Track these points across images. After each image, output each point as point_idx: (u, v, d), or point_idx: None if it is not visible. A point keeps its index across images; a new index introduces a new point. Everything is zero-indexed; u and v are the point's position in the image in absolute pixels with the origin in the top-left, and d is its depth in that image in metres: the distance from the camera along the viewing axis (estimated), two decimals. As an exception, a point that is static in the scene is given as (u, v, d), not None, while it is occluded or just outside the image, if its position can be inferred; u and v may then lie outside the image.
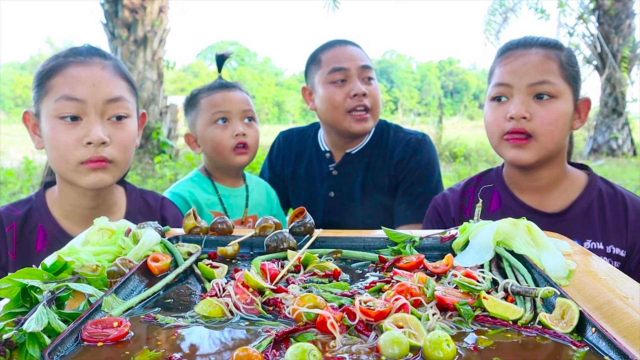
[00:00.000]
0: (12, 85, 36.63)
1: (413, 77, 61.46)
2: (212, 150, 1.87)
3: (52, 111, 1.32)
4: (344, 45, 1.99)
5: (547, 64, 1.43)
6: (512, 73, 1.45)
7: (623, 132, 12.05)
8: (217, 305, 0.77)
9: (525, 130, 1.43)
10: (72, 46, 1.43)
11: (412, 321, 0.71)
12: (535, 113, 1.42)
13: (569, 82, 1.45)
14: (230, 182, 1.95)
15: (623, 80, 11.57)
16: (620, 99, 11.81)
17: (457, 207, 1.62)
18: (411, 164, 1.98)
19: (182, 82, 40.55)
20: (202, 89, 1.94)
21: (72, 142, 1.31)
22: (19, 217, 1.37)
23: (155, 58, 8.68)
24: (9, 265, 1.33)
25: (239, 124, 1.86)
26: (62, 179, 1.40)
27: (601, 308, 0.79)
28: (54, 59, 1.37)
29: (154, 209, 1.56)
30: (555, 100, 1.43)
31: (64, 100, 1.31)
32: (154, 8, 8.54)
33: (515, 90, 1.44)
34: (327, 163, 2.07)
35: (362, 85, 1.91)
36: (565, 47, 1.50)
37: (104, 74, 1.36)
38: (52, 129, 1.32)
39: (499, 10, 10.86)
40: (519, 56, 1.46)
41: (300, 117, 38.44)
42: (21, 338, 0.63)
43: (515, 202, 1.54)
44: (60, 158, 1.33)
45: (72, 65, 1.34)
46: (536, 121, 1.42)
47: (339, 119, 1.94)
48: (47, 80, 1.33)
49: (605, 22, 11.40)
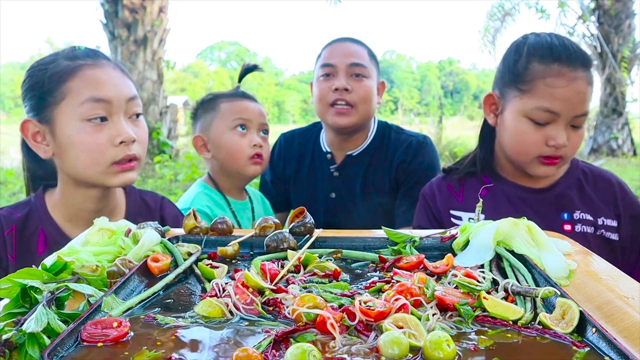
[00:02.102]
0: (12, 85, 36.65)
1: (413, 77, 61.45)
2: (227, 156, 1.85)
3: (78, 114, 1.30)
4: (343, 42, 2.01)
5: (589, 92, 1.45)
6: (563, 102, 1.42)
7: (623, 132, 12.05)
8: (217, 305, 0.77)
9: (561, 155, 1.47)
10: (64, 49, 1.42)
11: (412, 321, 0.70)
12: (570, 139, 1.46)
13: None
14: (237, 194, 1.94)
15: (623, 80, 11.58)
16: (620, 99, 11.81)
17: (447, 195, 1.65)
18: (412, 166, 1.98)
19: (182, 82, 40.54)
20: (220, 94, 1.93)
21: (104, 143, 1.32)
22: (19, 220, 1.36)
23: (155, 58, 8.69)
24: (10, 267, 1.32)
25: (257, 134, 1.86)
26: (71, 183, 1.38)
27: (601, 308, 0.79)
28: (55, 63, 1.34)
29: (153, 210, 1.56)
30: (584, 124, 1.49)
31: (92, 102, 1.30)
32: (154, 8, 8.54)
33: (561, 119, 1.43)
34: (329, 164, 2.07)
35: (349, 81, 1.92)
36: (588, 59, 1.48)
37: (117, 74, 1.38)
38: (80, 132, 1.30)
39: (497, 14, 10.86)
40: (571, 81, 1.41)
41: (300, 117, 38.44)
42: (21, 338, 0.63)
43: (504, 182, 1.60)
44: (92, 161, 1.32)
45: (86, 67, 1.34)
46: (569, 146, 1.46)
47: (323, 111, 1.98)
48: (61, 85, 1.31)
49: (605, 22, 11.41)
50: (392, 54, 69.59)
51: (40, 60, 1.39)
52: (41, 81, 1.33)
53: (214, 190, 1.90)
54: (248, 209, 1.94)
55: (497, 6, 11.06)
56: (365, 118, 2.00)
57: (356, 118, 1.96)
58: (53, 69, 1.33)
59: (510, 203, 1.55)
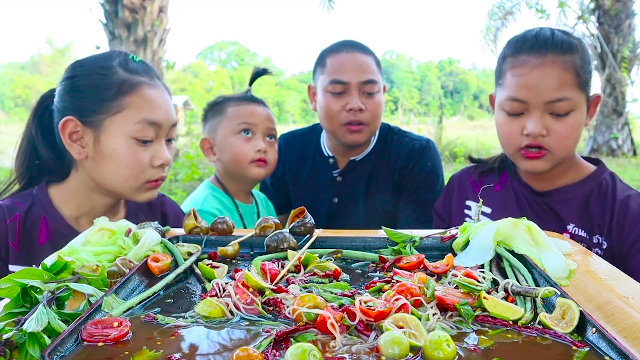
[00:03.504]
0: (12, 85, 36.65)
1: (413, 77, 61.47)
2: (230, 160, 1.85)
3: (130, 132, 1.34)
4: (351, 51, 1.93)
5: (563, 77, 1.38)
6: (528, 89, 1.40)
7: (623, 132, 12.06)
8: (217, 305, 0.77)
9: (542, 145, 1.42)
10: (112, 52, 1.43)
11: (412, 321, 0.71)
12: (552, 128, 1.41)
13: (583, 88, 1.42)
14: (244, 198, 1.94)
15: (623, 80, 11.58)
16: (620, 99, 11.81)
17: (466, 182, 1.69)
18: (415, 170, 1.97)
19: (182, 82, 40.54)
20: (229, 97, 1.93)
21: (146, 163, 1.37)
22: (22, 210, 1.37)
23: (155, 58, 8.68)
24: (10, 256, 1.33)
25: (262, 139, 1.85)
26: (90, 186, 1.40)
27: (601, 308, 0.79)
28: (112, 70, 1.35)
29: (154, 207, 1.58)
30: (572, 113, 1.41)
31: (147, 124, 1.35)
32: (154, 8, 8.53)
33: (531, 107, 1.40)
34: (331, 169, 2.06)
35: (361, 99, 1.88)
36: (578, 46, 1.43)
37: (167, 97, 1.43)
38: (128, 149, 1.34)
39: (498, 14, 10.86)
40: (535, 67, 1.39)
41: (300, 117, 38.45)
42: (21, 338, 0.63)
43: (518, 182, 1.59)
44: (131, 177, 1.36)
45: (146, 86, 1.37)
46: (552, 136, 1.41)
47: (334, 128, 1.94)
48: (120, 97, 1.33)
49: (605, 22, 11.41)
50: (392, 54, 69.60)
51: (90, 61, 1.40)
52: (98, 86, 1.34)
53: (222, 192, 1.90)
54: (254, 212, 1.95)
55: (497, 5, 11.06)
56: (375, 132, 2.00)
57: (368, 134, 1.95)
58: (111, 77, 1.35)
59: (517, 202, 1.56)
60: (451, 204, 1.71)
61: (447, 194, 1.74)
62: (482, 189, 1.56)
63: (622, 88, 11.70)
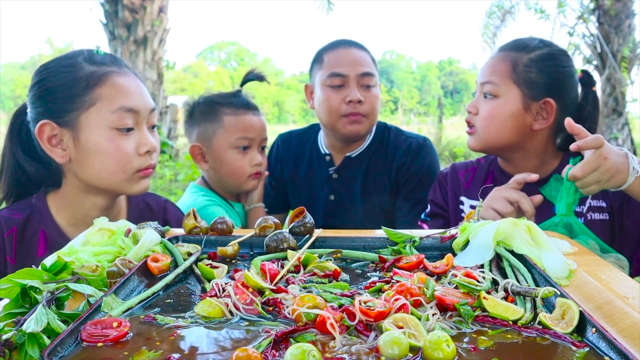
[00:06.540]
0: (12, 85, 36.61)
1: (413, 77, 61.43)
2: (227, 174, 1.84)
3: (108, 122, 1.30)
4: (347, 47, 1.97)
5: (498, 65, 1.56)
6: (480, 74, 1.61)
7: (623, 132, 12.05)
8: (216, 305, 0.77)
9: (471, 122, 1.59)
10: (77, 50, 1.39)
11: (412, 321, 0.70)
12: (480, 108, 1.57)
13: (518, 83, 1.53)
14: (233, 198, 1.95)
15: (623, 80, 11.58)
16: (620, 99, 11.80)
17: (456, 179, 1.76)
18: (412, 168, 1.97)
19: (182, 82, 40.52)
20: (220, 101, 1.87)
21: (131, 152, 1.34)
22: (19, 221, 1.35)
23: (155, 58, 8.68)
24: (8, 270, 1.31)
25: (257, 152, 1.85)
26: (81, 189, 1.37)
27: (601, 308, 0.79)
28: (77, 66, 1.32)
29: (156, 212, 1.55)
30: (496, 99, 1.54)
31: (123, 111, 1.31)
32: (154, 8, 8.53)
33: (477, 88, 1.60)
34: (327, 166, 2.06)
35: (360, 92, 1.90)
36: (537, 51, 1.54)
37: (140, 83, 1.39)
38: (110, 140, 1.31)
39: (496, 13, 10.86)
40: (491, 57, 1.60)
41: (300, 117, 38.44)
42: (21, 338, 0.63)
43: (507, 177, 1.62)
44: (118, 169, 1.33)
45: (115, 75, 1.34)
46: (479, 115, 1.57)
47: (333, 121, 1.94)
48: (90, 90, 1.30)
49: (605, 22, 11.40)
50: (392, 54, 69.57)
51: (55, 62, 1.36)
52: (65, 84, 1.31)
53: (213, 193, 1.90)
54: (242, 211, 1.96)
55: (496, 5, 11.05)
56: (374, 125, 2.01)
57: (367, 126, 1.96)
58: (78, 72, 1.31)
59: None
60: (447, 198, 1.76)
61: (441, 186, 1.79)
62: (482, 189, 1.57)
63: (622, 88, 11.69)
